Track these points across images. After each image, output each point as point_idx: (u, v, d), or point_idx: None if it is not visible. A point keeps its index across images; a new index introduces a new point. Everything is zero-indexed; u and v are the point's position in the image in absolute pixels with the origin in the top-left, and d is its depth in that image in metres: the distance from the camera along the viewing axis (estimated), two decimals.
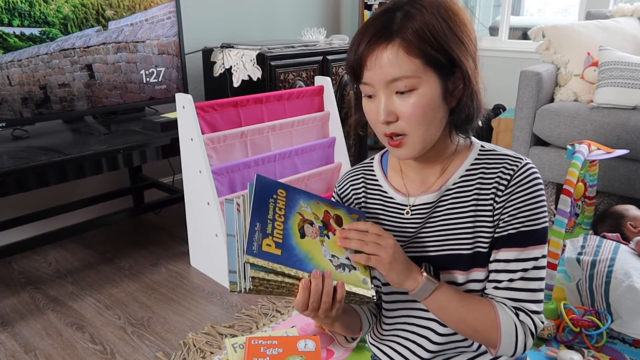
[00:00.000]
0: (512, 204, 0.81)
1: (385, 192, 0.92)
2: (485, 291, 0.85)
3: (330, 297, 0.75)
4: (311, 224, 0.81)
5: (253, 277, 0.73)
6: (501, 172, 0.82)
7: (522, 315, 0.81)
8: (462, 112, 0.81)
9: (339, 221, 0.83)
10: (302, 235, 0.79)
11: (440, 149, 0.85)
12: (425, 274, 0.80)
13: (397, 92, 0.77)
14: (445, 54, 0.75)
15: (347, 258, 0.80)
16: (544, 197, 0.82)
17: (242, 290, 0.75)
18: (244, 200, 0.80)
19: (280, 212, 0.79)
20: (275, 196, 0.81)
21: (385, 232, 0.80)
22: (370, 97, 0.80)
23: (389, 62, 0.75)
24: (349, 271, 0.78)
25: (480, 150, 0.87)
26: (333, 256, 0.79)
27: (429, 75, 0.76)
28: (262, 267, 0.73)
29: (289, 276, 0.74)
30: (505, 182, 0.82)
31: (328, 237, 0.80)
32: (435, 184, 0.87)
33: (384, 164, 0.95)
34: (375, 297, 0.78)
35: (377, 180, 0.94)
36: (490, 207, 0.83)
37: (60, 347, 1.53)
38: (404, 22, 0.74)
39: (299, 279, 0.74)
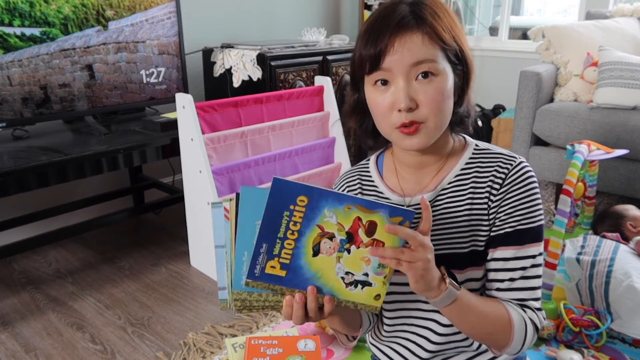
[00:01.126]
0: (507, 202, 0.82)
1: (381, 192, 0.92)
2: (487, 292, 0.86)
3: (315, 312, 0.74)
4: (331, 237, 0.72)
5: (235, 299, 0.72)
6: (495, 170, 0.83)
7: (529, 312, 0.82)
8: (462, 109, 0.84)
9: (371, 228, 0.72)
10: (316, 253, 0.72)
11: (438, 148, 0.86)
12: (448, 280, 0.76)
13: (416, 78, 0.77)
14: (458, 49, 0.81)
15: (365, 274, 0.74)
16: (539, 195, 0.83)
17: (233, 309, 0.74)
18: (232, 206, 0.74)
19: (294, 228, 0.71)
20: (292, 207, 0.70)
21: (426, 240, 0.73)
22: (384, 84, 0.79)
23: (416, 45, 0.76)
24: (362, 288, 0.74)
25: (475, 149, 0.88)
26: (347, 273, 0.73)
27: (446, 66, 0.79)
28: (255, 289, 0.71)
29: (274, 292, 0.73)
30: (499, 181, 0.82)
31: (348, 252, 0.73)
32: (430, 184, 0.88)
33: (380, 165, 0.95)
34: (379, 308, 0.76)
35: (373, 181, 0.94)
36: (486, 206, 0.83)
37: (60, 347, 1.53)
38: (422, 15, 0.77)
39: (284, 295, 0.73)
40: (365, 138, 0.93)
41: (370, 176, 0.95)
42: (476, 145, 0.89)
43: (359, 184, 0.95)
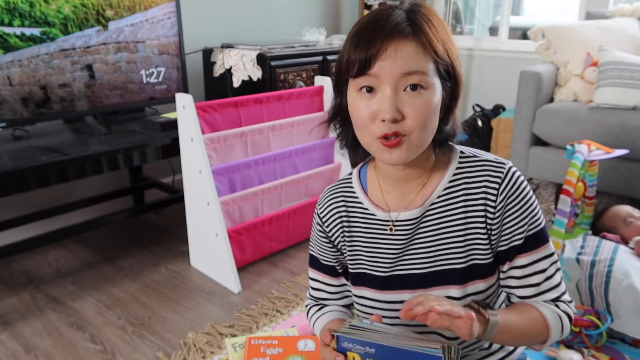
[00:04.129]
0: (509, 215, 0.81)
1: (366, 208, 0.89)
2: (513, 300, 0.86)
3: None
4: None
5: None
6: (487, 181, 0.81)
7: (562, 305, 0.83)
8: (447, 127, 0.81)
9: None
10: None
11: (421, 162, 0.83)
12: (488, 312, 0.76)
13: (404, 90, 0.74)
14: (450, 64, 0.77)
15: None
16: (534, 197, 0.82)
17: None
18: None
19: None
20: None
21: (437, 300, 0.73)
22: (369, 91, 0.75)
23: (409, 54, 0.73)
24: None
25: (460, 157, 0.85)
26: None
27: (436, 80, 0.76)
28: None
29: None
30: (494, 192, 0.80)
31: None
32: (417, 198, 0.85)
33: (363, 180, 0.92)
34: None
35: (357, 197, 0.91)
36: (483, 220, 0.82)
37: (60, 347, 1.53)
38: (418, 23, 0.74)
39: None
40: (343, 149, 0.89)
41: (354, 192, 0.91)
42: (461, 152, 0.86)
43: (343, 201, 0.92)
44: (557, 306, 0.83)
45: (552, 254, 0.83)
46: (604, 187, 2.18)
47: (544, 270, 0.82)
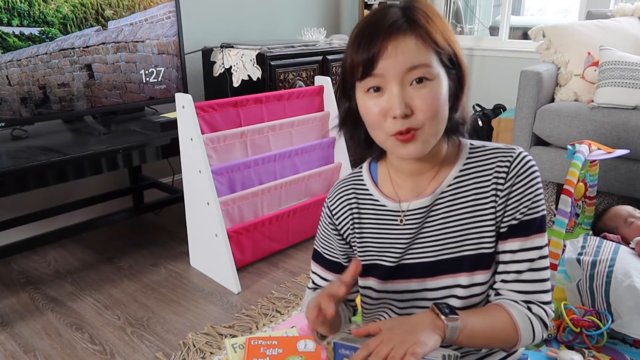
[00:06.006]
0: (513, 195, 0.81)
1: (377, 200, 0.90)
2: (494, 286, 0.85)
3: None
4: None
5: None
6: (497, 166, 0.82)
7: (534, 308, 0.82)
8: (457, 115, 0.82)
9: None
10: None
11: (434, 154, 0.84)
12: (443, 317, 0.75)
13: (411, 84, 0.75)
14: (452, 53, 0.78)
15: None
16: (541, 184, 0.83)
17: None
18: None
19: None
20: None
21: (383, 326, 0.75)
22: (377, 90, 0.77)
23: (410, 49, 0.74)
24: None
25: (471, 148, 0.87)
26: None
27: (440, 70, 0.77)
28: None
29: None
30: (503, 175, 0.81)
31: None
32: (427, 188, 0.86)
33: (373, 173, 0.93)
34: None
35: (367, 189, 0.92)
36: (493, 204, 0.82)
37: (59, 348, 1.53)
38: (415, 18, 0.76)
39: None
40: (357, 149, 0.90)
41: (364, 185, 0.93)
42: (471, 144, 0.88)
43: (354, 194, 0.93)
44: (529, 308, 0.82)
45: (544, 247, 0.83)
46: (605, 187, 2.18)
47: (531, 260, 0.82)
